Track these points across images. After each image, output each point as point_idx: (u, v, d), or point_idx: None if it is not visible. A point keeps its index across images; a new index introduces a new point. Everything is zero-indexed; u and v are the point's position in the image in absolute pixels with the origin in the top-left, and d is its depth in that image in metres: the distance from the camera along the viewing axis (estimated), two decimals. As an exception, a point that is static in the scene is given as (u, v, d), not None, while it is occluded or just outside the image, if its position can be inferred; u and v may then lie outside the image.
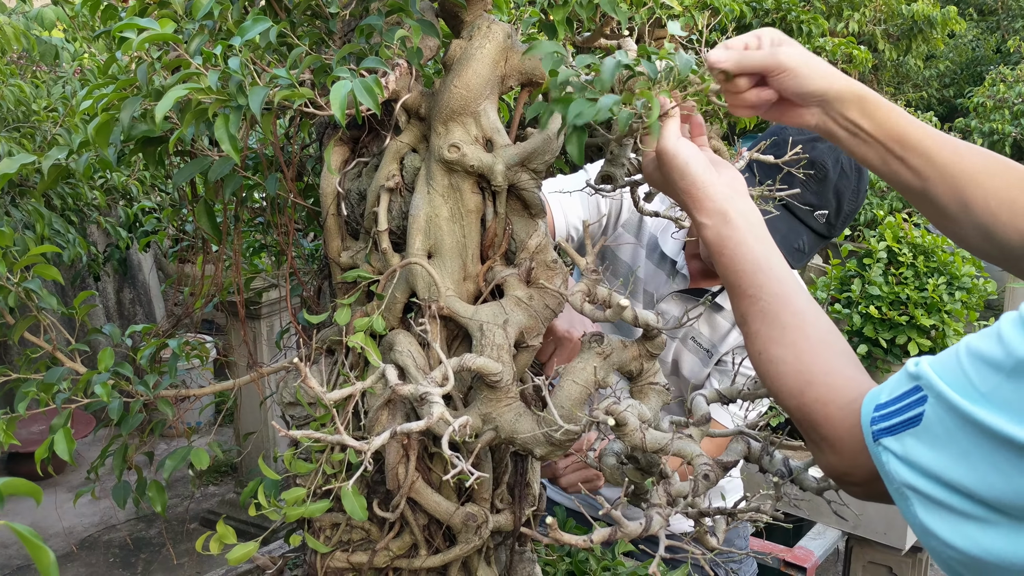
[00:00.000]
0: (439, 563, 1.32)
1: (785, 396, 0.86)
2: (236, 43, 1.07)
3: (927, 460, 0.67)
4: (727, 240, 0.95)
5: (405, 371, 1.20)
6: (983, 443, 0.63)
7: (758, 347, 0.90)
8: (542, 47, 1.06)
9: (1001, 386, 0.63)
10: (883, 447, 0.71)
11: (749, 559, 2.05)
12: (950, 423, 0.66)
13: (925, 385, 0.69)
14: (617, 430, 1.05)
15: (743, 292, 0.92)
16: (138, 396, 1.39)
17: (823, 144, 1.62)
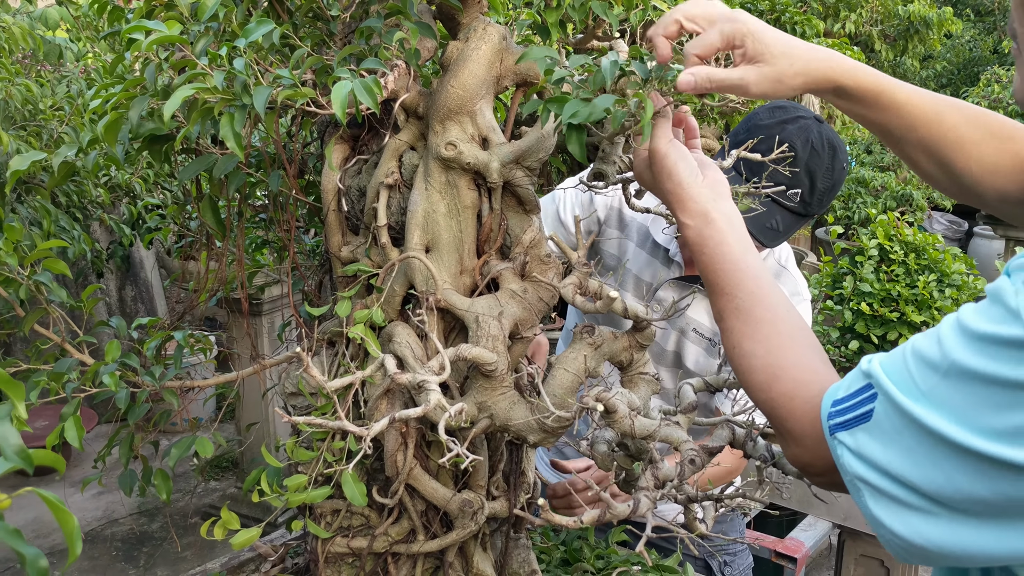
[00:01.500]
0: (436, 548, 1.36)
1: (755, 389, 0.90)
2: (241, 44, 1.12)
3: (876, 454, 0.70)
4: (708, 240, 0.98)
5: (403, 361, 1.24)
6: (924, 440, 0.67)
7: (732, 342, 0.94)
8: (535, 53, 1.10)
9: (938, 386, 0.66)
10: (838, 441, 0.74)
11: (744, 552, 2.09)
12: (896, 421, 0.69)
13: (875, 383, 0.72)
14: (607, 417, 1.10)
15: (721, 290, 0.96)
16: (144, 387, 1.44)
17: (792, 126, 1.66)
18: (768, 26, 1.03)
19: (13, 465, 0.51)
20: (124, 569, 3.48)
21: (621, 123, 1.12)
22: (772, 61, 1.01)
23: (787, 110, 1.71)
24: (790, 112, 1.71)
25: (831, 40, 3.69)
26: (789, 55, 1.01)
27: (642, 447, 1.16)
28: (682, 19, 1.05)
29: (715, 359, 1.93)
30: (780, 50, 1.01)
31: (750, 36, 1.01)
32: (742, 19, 1.02)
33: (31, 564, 0.56)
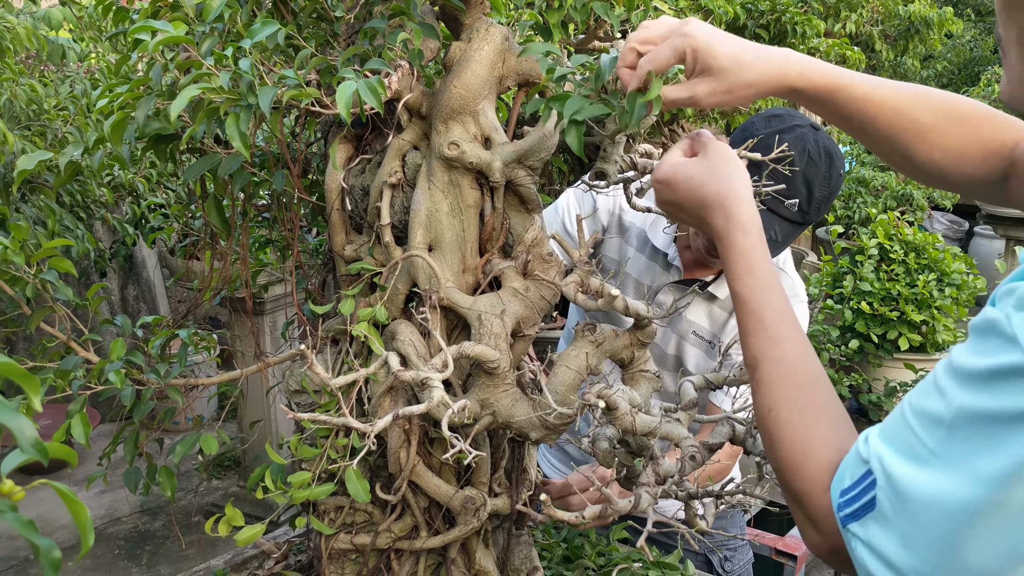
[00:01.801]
0: (439, 544, 1.37)
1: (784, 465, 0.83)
2: (246, 45, 1.13)
3: (886, 546, 0.66)
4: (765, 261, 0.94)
5: (407, 359, 1.25)
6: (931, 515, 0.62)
7: (769, 401, 0.85)
8: (535, 49, 1.11)
9: (946, 439, 0.63)
10: (851, 533, 0.70)
11: (744, 548, 2.10)
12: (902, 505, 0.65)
13: (874, 467, 0.68)
14: (608, 414, 1.11)
15: (766, 330, 0.88)
16: (149, 384, 1.45)
17: (789, 135, 1.66)
18: (719, 35, 1.02)
19: (29, 457, 0.52)
20: (127, 567, 3.49)
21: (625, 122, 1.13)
22: (721, 74, 0.99)
23: (783, 119, 1.71)
24: (786, 121, 1.71)
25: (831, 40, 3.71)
26: (738, 66, 0.99)
27: (643, 444, 1.17)
28: (637, 46, 1.03)
29: (714, 360, 1.94)
30: (728, 63, 0.99)
31: (699, 50, 0.99)
32: (692, 32, 1.00)
33: (44, 555, 0.57)
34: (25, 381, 0.52)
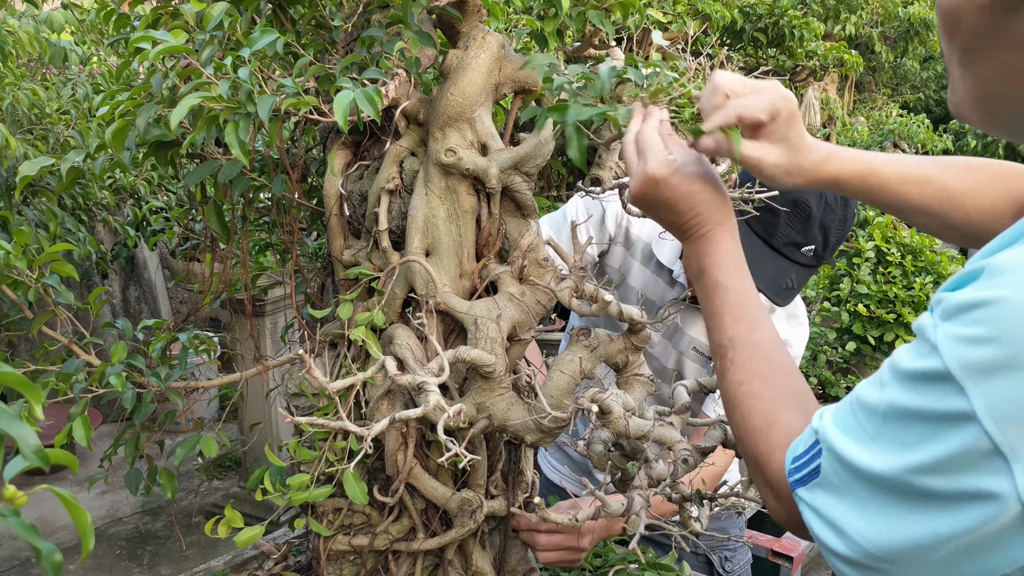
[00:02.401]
0: (436, 545, 1.39)
1: (747, 432, 0.88)
2: (245, 54, 1.14)
3: (830, 509, 0.71)
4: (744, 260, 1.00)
5: (404, 363, 1.27)
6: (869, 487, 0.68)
7: (744, 376, 0.91)
8: (538, 60, 1.12)
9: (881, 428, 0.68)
10: (799, 497, 0.76)
11: (743, 548, 2.12)
12: (841, 472, 0.70)
13: (820, 438, 0.74)
14: (602, 417, 1.12)
15: (746, 316, 0.94)
16: (150, 387, 1.46)
17: None
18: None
19: (31, 463, 0.54)
20: (128, 568, 3.51)
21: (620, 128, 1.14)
22: (793, 152, 0.99)
23: None
24: None
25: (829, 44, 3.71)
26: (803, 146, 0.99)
27: (637, 447, 1.19)
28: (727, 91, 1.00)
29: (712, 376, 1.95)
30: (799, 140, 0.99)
31: (792, 117, 0.98)
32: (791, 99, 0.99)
33: (46, 558, 0.59)
34: (27, 389, 0.54)
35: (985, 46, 0.70)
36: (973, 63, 0.72)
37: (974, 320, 0.61)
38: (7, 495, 0.57)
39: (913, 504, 0.65)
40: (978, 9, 0.69)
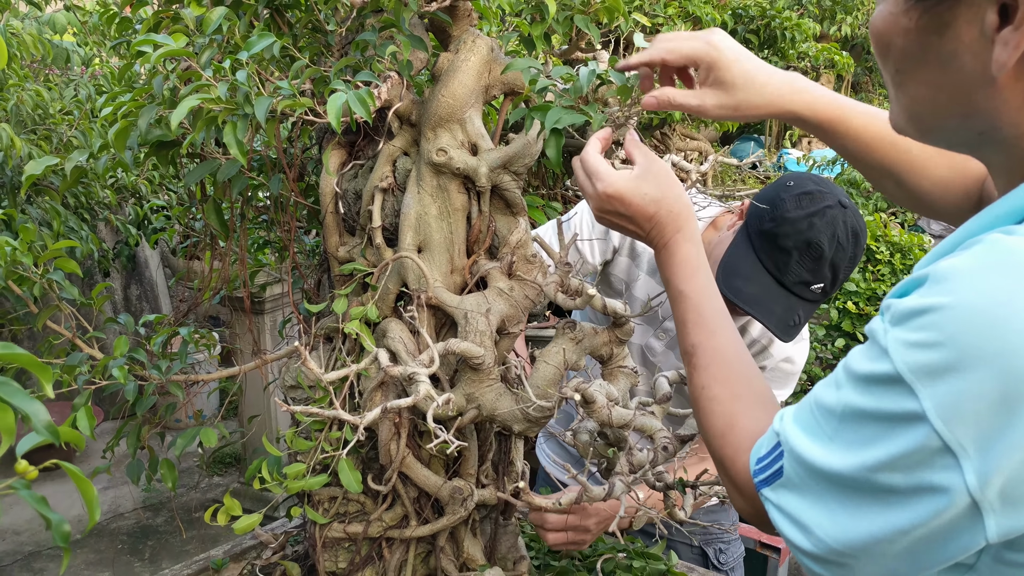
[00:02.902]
0: (428, 532, 1.43)
1: (710, 434, 0.93)
2: (243, 57, 1.19)
3: (794, 507, 0.75)
4: (705, 267, 1.03)
5: (396, 355, 1.31)
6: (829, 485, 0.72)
7: (703, 380, 0.95)
8: (519, 64, 1.17)
9: (838, 429, 0.71)
10: (764, 497, 0.79)
11: (737, 543, 2.16)
12: (802, 472, 0.74)
13: (783, 441, 0.77)
14: (586, 407, 1.17)
15: (705, 322, 0.98)
16: (151, 380, 1.51)
17: (820, 220, 1.60)
18: (739, 52, 1.07)
19: (44, 439, 0.58)
20: (129, 562, 3.56)
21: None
22: (731, 90, 1.05)
23: (814, 198, 1.63)
24: (816, 202, 1.62)
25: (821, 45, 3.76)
26: (748, 86, 1.04)
27: (620, 436, 1.23)
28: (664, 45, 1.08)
29: None
30: (741, 81, 1.04)
31: (717, 64, 1.05)
32: (716, 43, 1.06)
33: (56, 528, 0.63)
34: (38, 370, 0.58)
35: (914, 67, 0.74)
36: (905, 82, 0.76)
37: (920, 326, 0.65)
38: (19, 469, 0.62)
39: (871, 500, 0.69)
40: (905, 32, 0.73)
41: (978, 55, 0.68)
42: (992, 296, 0.62)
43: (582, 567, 1.73)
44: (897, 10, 0.73)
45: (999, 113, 0.70)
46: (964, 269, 0.64)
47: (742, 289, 1.59)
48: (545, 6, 1.28)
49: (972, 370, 0.61)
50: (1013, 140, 0.71)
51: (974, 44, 0.68)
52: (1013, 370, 0.60)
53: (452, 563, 1.48)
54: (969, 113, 0.73)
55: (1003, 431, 0.61)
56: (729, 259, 1.65)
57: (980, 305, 0.62)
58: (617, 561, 1.75)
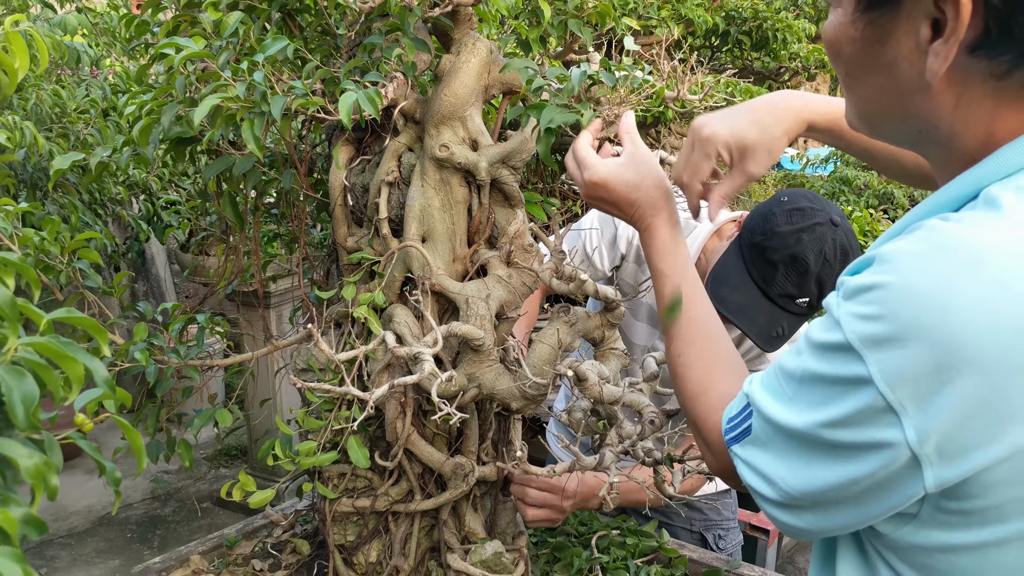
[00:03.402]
0: (432, 506, 1.52)
1: (685, 397, 1.03)
2: (259, 59, 1.27)
3: (760, 462, 0.84)
4: (683, 247, 1.11)
5: (402, 338, 1.40)
6: (789, 441, 0.81)
7: (678, 348, 1.06)
8: (516, 64, 1.26)
9: (798, 391, 0.80)
10: (733, 453, 0.88)
11: (735, 531, 2.23)
12: (768, 430, 0.83)
13: (751, 402, 0.86)
14: (579, 384, 1.26)
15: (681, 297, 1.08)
16: (170, 363, 1.60)
17: (808, 236, 1.63)
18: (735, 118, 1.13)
19: (104, 393, 0.67)
20: (139, 550, 3.65)
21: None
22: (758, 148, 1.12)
23: (805, 215, 1.66)
24: (807, 218, 1.66)
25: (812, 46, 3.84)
26: (767, 134, 1.11)
27: (611, 412, 1.32)
28: None
29: None
30: (758, 136, 1.11)
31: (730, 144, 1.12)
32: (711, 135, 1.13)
33: (109, 475, 0.72)
34: (97, 332, 0.67)
35: (861, 72, 0.82)
36: (854, 85, 0.84)
37: (867, 301, 0.73)
38: (78, 421, 0.71)
39: (825, 454, 0.77)
40: (852, 40, 0.81)
41: (915, 63, 0.76)
42: (928, 277, 0.70)
43: (578, 543, 1.81)
44: (845, 20, 0.81)
45: (934, 115, 0.78)
46: (906, 252, 0.72)
47: (727, 298, 1.64)
48: (541, 11, 1.37)
49: (911, 341, 0.69)
50: (947, 139, 0.79)
51: (911, 54, 0.76)
52: (946, 341, 0.68)
53: (454, 536, 1.57)
54: (909, 114, 0.81)
55: (938, 393, 0.69)
56: (719, 268, 1.71)
57: (918, 285, 0.70)
58: (611, 538, 1.84)
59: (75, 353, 0.62)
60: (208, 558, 1.85)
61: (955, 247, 0.70)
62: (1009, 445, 0.69)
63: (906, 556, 0.80)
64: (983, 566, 0.75)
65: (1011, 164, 0.75)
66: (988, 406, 0.68)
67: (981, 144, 0.77)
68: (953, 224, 0.72)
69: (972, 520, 0.74)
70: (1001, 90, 0.74)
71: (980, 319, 0.67)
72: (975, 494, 0.72)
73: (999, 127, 0.76)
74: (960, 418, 0.69)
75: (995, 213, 0.72)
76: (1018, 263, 0.68)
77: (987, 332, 0.67)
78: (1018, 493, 0.71)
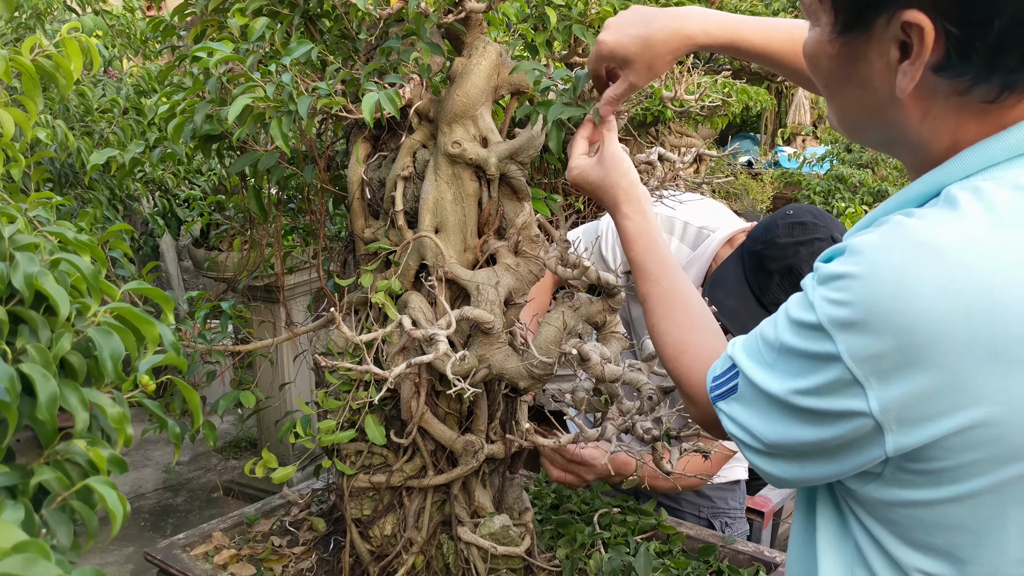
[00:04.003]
0: (443, 481, 1.62)
1: (666, 360, 1.13)
2: (286, 62, 1.37)
3: (743, 417, 0.93)
4: (645, 233, 1.21)
5: (417, 323, 1.50)
6: (770, 403, 0.90)
7: (653, 320, 1.16)
8: (524, 66, 1.35)
9: (776, 360, 0.89)
10: (719, 408, 0.97)
11: (742, 521, 2.32)
12: (752, 391, 0.92)
13: (737, 364, 0.95)
14: (582, 364, 1.35)
15: (648, 275, 1.18)
16: (196, 348, 1.70)
17: (806, 249, 1.69)
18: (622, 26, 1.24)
19: (169, 356, 0.77)
20: (152, 537, 3.75)
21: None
22: (638, 61, 1.24)
23: (806, 229, 1.72)
24: (808, 232, 1.72)
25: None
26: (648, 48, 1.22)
27: (612, 391, 1.42)
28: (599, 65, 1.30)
29: None
30: (638, 49, 1.23)
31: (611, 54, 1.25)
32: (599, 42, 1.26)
33: (171, 430, 0.82)
34: (163, 300, 0.77)
35: (838, 85, 0.91)
36: (833, 96, 0.94)
37: (837, 287, 0.82)
38: (143, 382, 0.80)
39: (798, 417, 0.87)
40: (829, 57, 0.89)
41: (886, 80, 0.85)
42: (892, 268, 0.78)
43: (580, 520, 1.91)
44: (823, 39, 0.90)
45: (905, 125, 0.87)
46: (872, 245, 0.81)
47: (722, 301, 1.71)
48: (547, 16, 1.47)
49: (875, 325, 0.78)
50: (917, 145, 0.89)
51: (883, 72, 0.85)
52: (906, 327, 0.77)
53: (464, 510, 1.67)
54: (882, 124, 0.90)
55: (899, 371, 0.78)
56: (719, 272, 1.80)
57: (882, 275, 0.79)
58: (612, 515, 1.93)
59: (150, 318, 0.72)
60: (229, 535, 1.95)
61: (916, 241, 0.78)
62: (962, 419, 0.77)
63: (872, 510, 0.89)
64: (938, 520, 0.84)
65: (970, 166, 0.83)
66: (943, 384, 0.77)
67: (947, 150, 0.86)
68: (916, 220, 0.80)
69: (930, 480, 0.82)
70: (963, 104, 0.83)
71: (937, 307, 0.75)
72: (933, 457, 0.80)
73: (963, 135, 0.84)
74: (918, 393, 0.78)
75: (953, 211, 0.80)
76: (971, 256, 0.76)
77: (943, 319, 0.75)
78: (970, 458, 0.79)
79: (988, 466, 0.79)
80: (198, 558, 1.85)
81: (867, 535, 0.91)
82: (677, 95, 1.57)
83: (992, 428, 0.77)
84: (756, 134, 8.03)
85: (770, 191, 5.01)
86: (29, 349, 0.62)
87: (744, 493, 2.35)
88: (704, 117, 3.06)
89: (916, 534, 0.86)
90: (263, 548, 1.89)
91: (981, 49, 0.77)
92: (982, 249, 0.76)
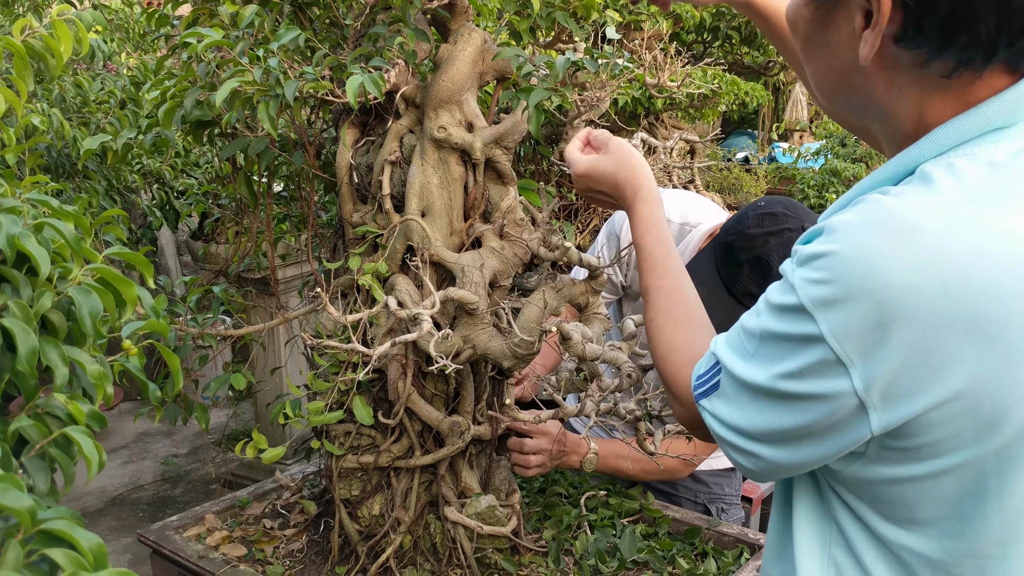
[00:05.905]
0: (430, 461, 1.64)
1: (657, 356, 1.14)
2: (274, 47, 1.40)
3: (724, 413, 0.94)
4: (658, 223, 1.22)
5: (403, 304, 1.53)
6: (752, 395, 0.91)
7: (652, 313, 1.17)
8: (506, 52, 1.38)
9: (759, 347, 0.90)
10: (701, 406, 0.98)
11: (737, 507, 2.34)
12: (733, 385, 0.93)
13: (719, 361, 0.96)
14: (564, 343, 1.38)
15: (656, 266, 1.18)
16: (188, 331, 1.73)
17: (775, 239, 1.71)
18: None
19: (150, 322, 0.80)
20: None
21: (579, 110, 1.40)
22: None
23: (776, 219, 1.74)
24: (778, 223, 1.73)
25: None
26: None
27: (595, 371, 1.44)
28: None
29: None
30: None
31: None
32: None
33: (151, 393, 0.85)
34: (143, 265, 0.80)
35: (812, 48, 0.94)
36: (809, 59, 0.96)
37: (817, 267, 0.83)
38: (125, 346, 0.83)
39: (783, 403, 0.88)
40: (805, 21, 0.92)
41: (852, 46, 0.87)
42: (869, 245, 0.80)
43: (567, 503, 1.94)
44: (800, 2, 0.92)
45: (871, 94, 0.89)
46: (849, 224, 0.82)
47: None
48: (530, 3, 1.49)
49: (855, 302, 0.80)
50: (884, 116, 0.91)
51: (849, 38, 0.87)
52: (884, 302, 0.78)
53: (451, 490, 1.69)
54: (852, 91, 0.92)
55: (879, 347, 0.79)
56: (693, 262, 1.82)
57: (860, 252, 0.80)
58: (599, 498, 1.96)
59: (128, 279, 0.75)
60: (222, 517, 1.98)
61: (892, 219, 0.80)
62: (942, 391, 0.79)
63: (855, 488, 0.91)
64: (920, 495, 0.86)
65: (943, 144, 0.85)
66: (923, 357, 0.78)
67: (915, 124, 0.88)
68: (891, 198, 0.82)
69: (912, 456, 0.84)
70: (924, 78, 0.85)
71: (914, 281, 0.77)
72: (914, 433, 0.82)
73: (929, 111, 0.86)
74: (899, 368, 0.79)
75: (928, 188, 0.82)
76: (945, 232, 0.78)
77: (920, 293, 0.77)
78: (950, 431, 0.81)
79: (966, 439, 0.81)
80: (190, 539, 1.88)
81: (852, 515, 0.92)
82: (660, 82, 1.60)
83: (969, 399, 0.79)
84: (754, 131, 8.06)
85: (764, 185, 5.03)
86: (10, 305, 0.65)
87: (740, 480, 2.37)
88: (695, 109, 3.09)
89: (901, 511, 0.88)
90: (255, 530, 1.92)
91: (933, 23, 0.80)
92: (957, 225, 0.78)
